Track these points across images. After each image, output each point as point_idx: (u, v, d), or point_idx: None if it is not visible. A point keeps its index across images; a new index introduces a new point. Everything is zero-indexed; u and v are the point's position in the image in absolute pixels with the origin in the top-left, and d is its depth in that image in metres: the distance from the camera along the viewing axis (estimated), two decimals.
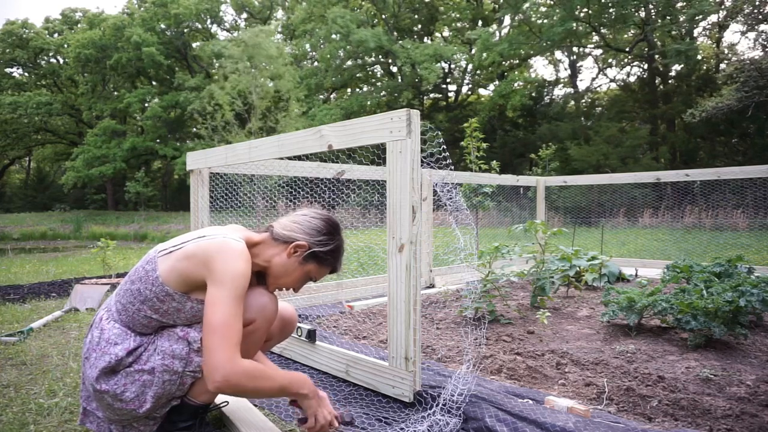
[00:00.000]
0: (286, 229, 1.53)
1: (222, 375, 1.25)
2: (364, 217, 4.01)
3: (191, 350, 1.40)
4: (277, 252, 1.51)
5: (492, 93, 24.50)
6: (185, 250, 1.38)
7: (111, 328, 1.41)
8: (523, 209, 7.46)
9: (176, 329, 1.42)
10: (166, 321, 1.41)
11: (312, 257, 1.52)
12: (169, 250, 1.41)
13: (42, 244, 18.81)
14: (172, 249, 1.41)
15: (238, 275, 1.33)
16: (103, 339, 1.39)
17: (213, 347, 1.26)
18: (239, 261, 1.35)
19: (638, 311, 2.70)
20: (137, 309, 1.39)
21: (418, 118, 1.75)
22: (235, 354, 1.27)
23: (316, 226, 1.54)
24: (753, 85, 13.34)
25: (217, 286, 1.31)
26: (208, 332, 1.28)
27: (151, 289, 1.38)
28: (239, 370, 1.26)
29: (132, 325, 1.41)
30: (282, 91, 19.12)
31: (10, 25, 30.78)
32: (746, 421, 1.63)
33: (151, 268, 1.39)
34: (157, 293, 1.37)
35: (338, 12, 23.84)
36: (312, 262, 1.53)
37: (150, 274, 1.38)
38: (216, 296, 1.30)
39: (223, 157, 2.70)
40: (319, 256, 1.52)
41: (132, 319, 1.41)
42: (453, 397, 1.70)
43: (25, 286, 4.95)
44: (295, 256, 1.51)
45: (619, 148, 17.95)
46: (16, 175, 41.72)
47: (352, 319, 3.21)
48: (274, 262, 1.51)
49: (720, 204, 9.53)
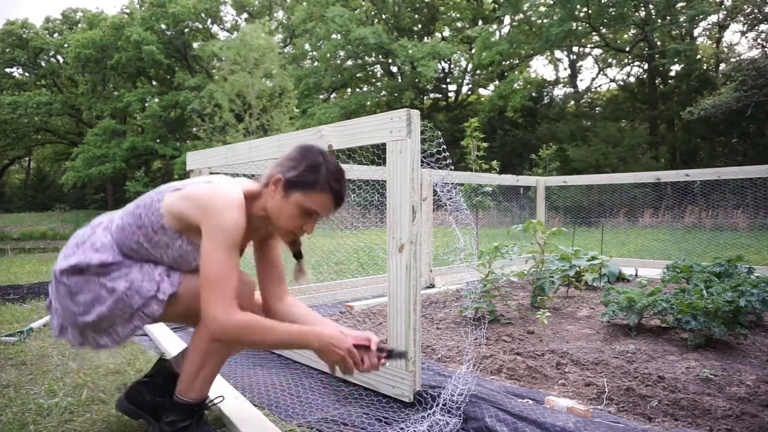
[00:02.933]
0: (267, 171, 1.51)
1: (217, 326, 1.27)
2: (364, 217, 4.01)
3: (156, 297, 1.40)
4: (267, 198, 1.48)
5: (492, 93, 24.51)
6: (188, 191, 1.42)
7: (101, 237, 1.45)
8: (523, 209, 7.47)
9: (156, 270, 1.44)
10: (154, 253, 1.44)
11: (291, 186, 1.43)
12: (178, 188, 1.44)
13: (42, 244, 18.79)
14: (179, 187, 1.45)
15: (230, 226, 1.33)
16: (89, 240, 1.44)
17: (207, 299, 1.28)
18: (232, 211, 1.34)
19: (638, 311, 2.70)
20: (132, 232, 1.43)
21: (418, 118, 1.75)
22: (229, 306, 1.28)
23: (291, 156, 1.48)
24: (752, 84, 13.33)
25: (210, 238, 1.32)
26: (204, 284, 1.29)
27: (150, 218, 1.41)
28: (234, 323, 1.28)
29: (122, 244, 1.44)
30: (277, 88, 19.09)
31: (10, 25, 30.76)
32: (746, 421, 1.63)
33: (157, 199, 1.43)
34: (153, 223, 1.41)
35: (337, 11, 23.84)
36: (294, 190, 1.43)
37: (154, 203, 1.43)
38: (209, 248, 1.31)
39: (223, 157, 2.70)
40: (296, 181, 1.43)
41: (125, 239, 1.44)
42: (453, 397, 1.70)
43: (25, 286, 4.95)
44: (277, 191, 1.45)
45: (617, 148, 17.95)
46: (16, 175, 41.70)
47: (352, 319, 3.21)
48: (268, 207, 1.47)
49: (720, 204, 9.53)
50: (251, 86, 17.72)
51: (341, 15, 23.58)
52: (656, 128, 20.16)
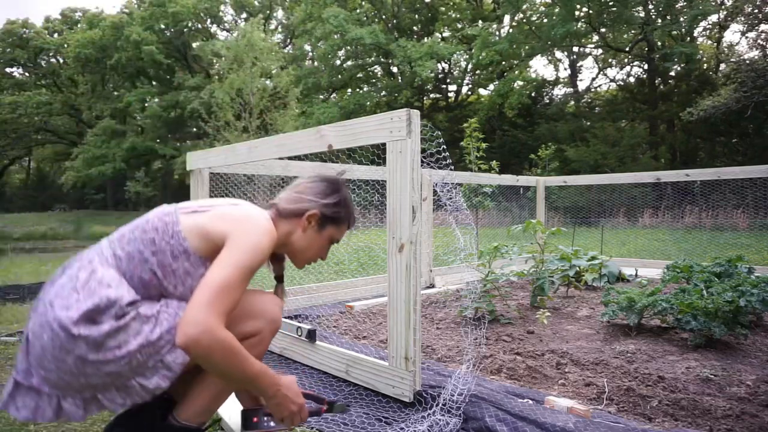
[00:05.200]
0: (292, 202, 1.48)
1: (196, 331, 1.09)
2: (364, 217, 4.01)
3: None
4: (290, 229, 1.47)
5: (492, 93, 24.51)
6: (215, 212, 1.30)
7: (105, 272, 1.21)
8: (523, 209, 7.47)
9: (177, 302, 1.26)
10: (167, 285, 1.25)
11: (327, 221, 1.50)
12: (194, 209, 1.32)
13: (42, 244, 18.78)
14: (198, 209, 1.32)
15: (259, 251, 1.24)
16: (94, 279, 1.18)
17: (201, 302, 1.12)
18: (265, 237, 1.28)
19: (638, 311, 2.70)
20: (144, 259, 1.24)
21: (418, 118, 1.75)
22: (219, 318, 1.13)
23: (319, 189, 1.51)
24: (751, 85, 13.33)
25: (233, 250, 1.21)
26: (203, 285, 1.15)
27: (168, 241, 1.25)
28: (217, 336, 1.12)
29: (129, 277, 1.23)
30: (278, 87, 19.10)
31: (10, 25, 30.79)
32: (746, 421, 1.63)
33: (172, 221, 1.27)
34: (173, 246, 1.25)
35: (333, 11, 23.85)
36: (329, 225, 1.50)
37: (170, 226, 1.26)
38: (227, 258, 1.20)
39: (223, 157, 2.70)
40: (333, 217, 1.50)
41: (133, 270, 1.24)
42: (453, 397, 1.70)
43: (25, 286, 4.95)
44: (311, 226, 1.48)
45: (616, 148, 17.96)
46: (16, 175, 41.73)
47: (352, 319, 3.21)
48: (294, 239, 1.47)
49: (720, 204, 9.52)
50: (250, 84, 17.73)
51: (336, 15, 23.59)
52: (656, 128, 20.16)
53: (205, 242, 1.26)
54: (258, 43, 18.13)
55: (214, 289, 1.15)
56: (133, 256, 1.24)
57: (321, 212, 1.48)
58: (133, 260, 1.24)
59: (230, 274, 1.18)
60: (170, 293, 1.27)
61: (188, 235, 1.26)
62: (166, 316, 1.22)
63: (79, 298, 1.15)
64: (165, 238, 1.25)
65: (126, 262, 1.24)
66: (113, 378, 1.17)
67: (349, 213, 1.54)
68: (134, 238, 1.26)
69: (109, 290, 1.17)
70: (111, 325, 1.15)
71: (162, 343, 1.20)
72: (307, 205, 1.48)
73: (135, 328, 1.17)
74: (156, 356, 1.19)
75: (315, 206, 1.47)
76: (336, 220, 1.51)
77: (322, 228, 1.49)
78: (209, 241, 1.26)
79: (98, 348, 1.13)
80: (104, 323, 1.14)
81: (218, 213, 1.31)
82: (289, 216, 1.47)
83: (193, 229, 1.27)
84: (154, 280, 1.25)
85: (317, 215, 1.47)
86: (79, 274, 1.20)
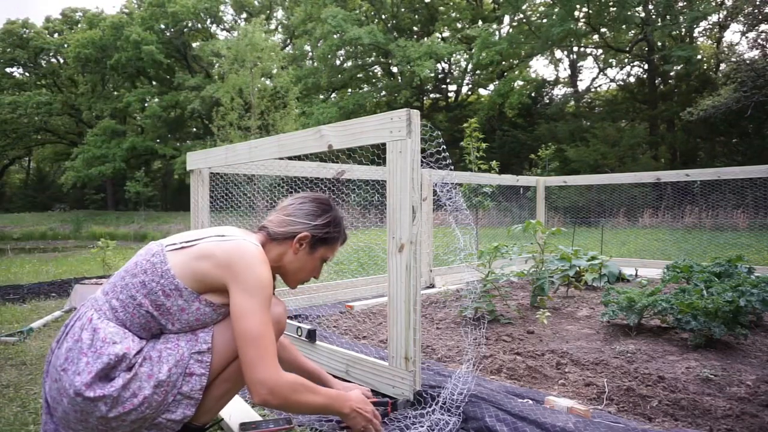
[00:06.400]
0: (281, 225, 1.50)
1: (268, 388, 1.23)
2: (364, 217, 4.01)
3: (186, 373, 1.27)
4: (282, 251, 1.49)
5: (492, 93, 24.51)
6: (202, 248, 1.31)
7: (106, 327, 1.24)
8: (523, 209, 7.46)
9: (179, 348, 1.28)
10: (164, 323, 1.29)
11: (318, 242, 1.51)
12: (180, 245, 1.33)
13: (42, 244, 18.80)
14: (184, 245, 1.33)
15: (266, 284, 1.30)
16: (98, 339, 1.22)
17: (254, 361, 1.23)
18: (263, 267, 1.31)
19: (638, 311, 2.70)
20: (138, 304, 1.27)
21: (418, 118, 1.75)
22: (277, 366, 1.25)
23: (309, 210, 1.52)
24: (751, 85, 13.34)
25: (246, 296, 1.26)
26: (247, 345, 1.23)
27: (159, 281, 1.27)
28: (284, 383, 1.25)
29: (129, 325, 1.27)
30: (279, 88, 19.12)
31: (10, 25, 30.78)
32: (746, 421, 1.63)
33: (159, 261, 1.29)
34: (164, 286, 1.27)
35: (331, 12, 23.86)
36: (320, 246, 1.52)
37: (158, 266, 1.29)
38: (246, 307, 1.26)
39: (223, 157, 2.70)
40: (324, 238, 1.52)
41: (131, 317, 1.27)
42: (453, 397, 1.70)
43: (25, 286, 4.95)
44: (302, 249, 1.49)
45: (616, 148, 17.96)
46: (16, 175, 41.72)
47: (352, 319, 3.21)
48: (285, 261, 1.50)
49: (720, 204, 9.52)
50: (251, 84, 17.75)
51: (335, 15, 23.60)
52: (656, 128, 20.17)
53: (197, 281, 1.29)
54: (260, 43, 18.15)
55: (256, 344, 1.23)
56: (127, 304, 1.28)
57: (312, 234, 1.49)
58: (129, 307, 1.28)
59: (259, 320, 1.25)
60: (169, 330, 1.31)
61: (177, 272, 1.29)
62: (168, 351, 1.26)
63: (89, 360, 1.19)
64: (155, 279, 1.28)
65: (122, 311, 1.28)
66: (140, 423, 1.22)
67: (340, 232, 1.56)
68: (125, 285, 1.29)
69: (115, 347, 1.21)
70: (124, 378, 1.20)
71: (174, 377, 1.24)
72: (298, 228, 1.49)
73: (145, 373, 1.22)
74: (173, 391, 1.24)
75: (306, 228, 1.49)
76: (327, 240, 1.53)
77: (313, 249, 1.51)
78: (202, 279, 1.29)
79: (116, 403, 1.18)
80: (118, 377, 1.20)
81: (206, 250, 1.31)
82: (279, 239, 1.49)
83: (184, 268, 1.29)
84: (152, 322, 1.29)
85: (308, 237, 1.49)
86: (82, 335, 1.23)
